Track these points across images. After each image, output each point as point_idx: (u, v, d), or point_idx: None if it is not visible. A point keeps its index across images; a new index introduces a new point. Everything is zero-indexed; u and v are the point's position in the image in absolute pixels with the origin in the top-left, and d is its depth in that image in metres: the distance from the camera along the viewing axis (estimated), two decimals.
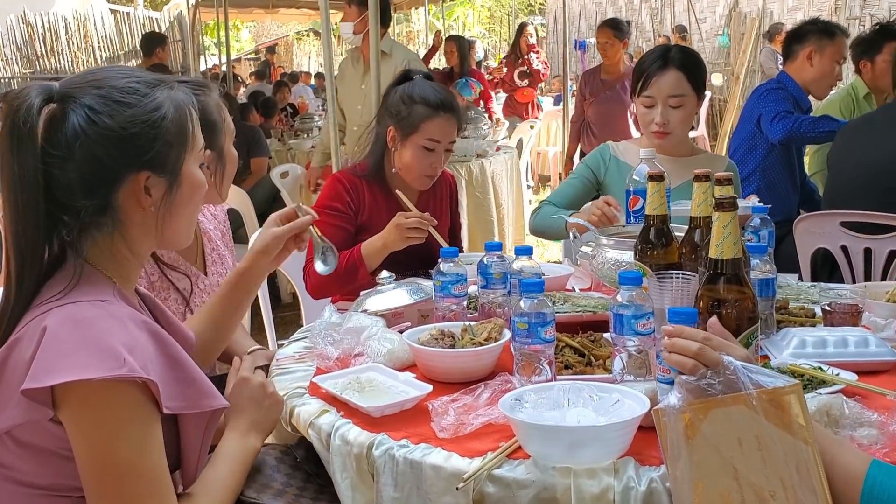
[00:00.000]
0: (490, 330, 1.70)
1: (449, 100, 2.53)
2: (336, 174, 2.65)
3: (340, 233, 2.50)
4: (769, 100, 3.67)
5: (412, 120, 2.48)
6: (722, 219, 1.29)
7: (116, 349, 1.17)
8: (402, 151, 2.52)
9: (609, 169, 2.80)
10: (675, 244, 1.83)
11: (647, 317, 1.48)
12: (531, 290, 1.48)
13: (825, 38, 3.69)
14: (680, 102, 2.59)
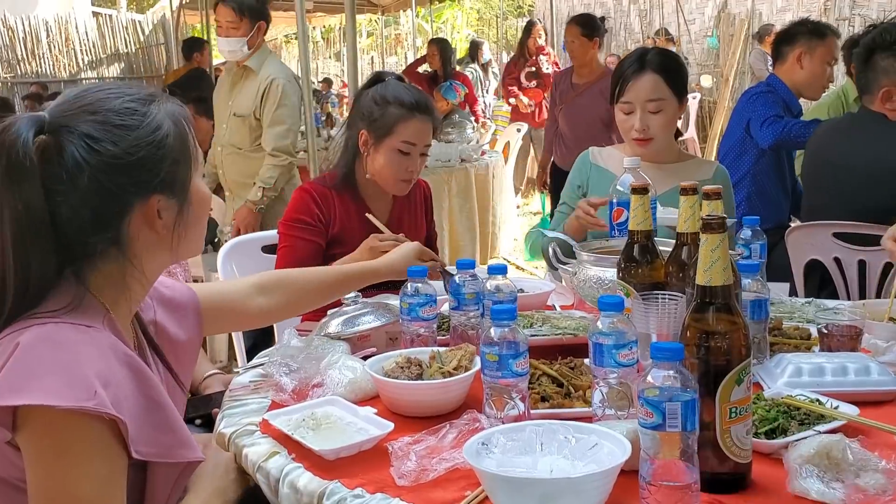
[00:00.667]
0: (460, 357, 1.57)
1: (424, 100, 2.41)
2: (303, 186, 2.52)
3: (311, 247, 2.37)
4: (759, 103, 3.56)
5: (386, 122, 2.35)
6: (710, 241, 1.15)
7: (89, 379, 1.09)
8: (375, 156, 2.38)
9: (591, 177, 2.65)
10: (660, 262, 1.70)
11: (629, 346, 1.35)
12: (502, 317, 1.35)
13: (815, 38, 3.58)
14: (659, 107, 2.45)
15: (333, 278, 1.83)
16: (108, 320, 1.22)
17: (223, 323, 1.67)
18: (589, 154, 2.70)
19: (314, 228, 2.39)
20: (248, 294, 1.67)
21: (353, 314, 1.85)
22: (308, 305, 1.83)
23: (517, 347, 1.34)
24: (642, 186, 1.70)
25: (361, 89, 2.51)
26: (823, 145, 2.88)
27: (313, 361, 1.64)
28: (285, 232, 2.41)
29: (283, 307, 1.73)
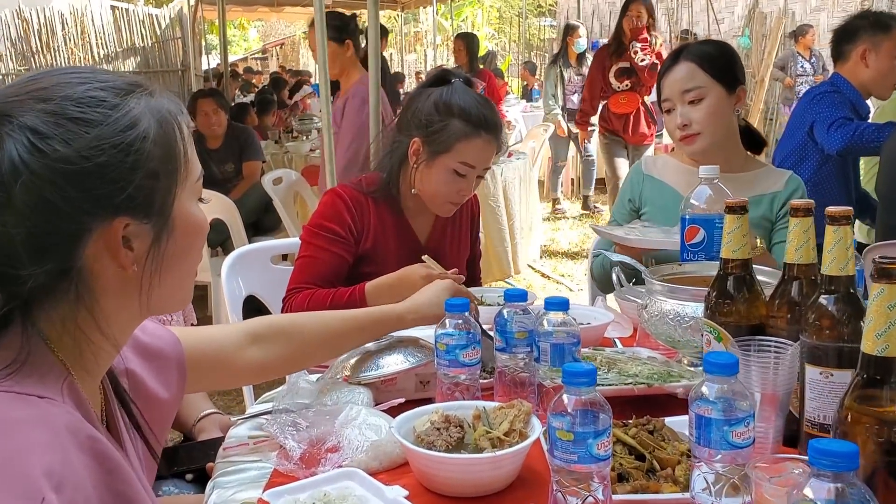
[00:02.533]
0: (513, 419, 1.24)
1: (493, 117, 2.05)
2: (335, 189, 2.16)
3: (336, 261, 2.05)
4: (823, 104, 3.21)
5: (446, 136, 2.00)
6: (889, 295, 0.82)
7: (35, 480, 0.77)
8: (426, 171, 2.04)
9: (644, 190, 2.35)
10: (762, 299, 1.36)
11: (745, 422, 1.02)
12: (579, 382, 1.01)
13: (879, 32, 3.21)
14: (698, 95, 2.16)
15: (345, 327, 1.48)
16: (69, 385, 0.90)
17: (209, 378, 1.33)
18: (642, 164, 2.41)
19: (343, 241, 2.06)
20: (239, 344, 1.34)
21: (376, 351, 1.53)
22: (312, 359, 1.49)
23: (599, 422, 1.01)
24: (739, 205, 1.36)
25: (420, 87, 2.16)
26: None
27: (327, 417, 1.32)
28: (308, 240, 2.08)
29: (281, 361, 1.40)
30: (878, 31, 3.23)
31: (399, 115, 2.17)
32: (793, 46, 10.06)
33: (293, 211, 5.25)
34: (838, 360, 1.16)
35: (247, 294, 2.57)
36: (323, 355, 1.50)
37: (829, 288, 1.19)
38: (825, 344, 1.17)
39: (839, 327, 1.16)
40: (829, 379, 1.17)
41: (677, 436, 1.27)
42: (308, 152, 6.25)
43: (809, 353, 1.19)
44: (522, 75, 13.64)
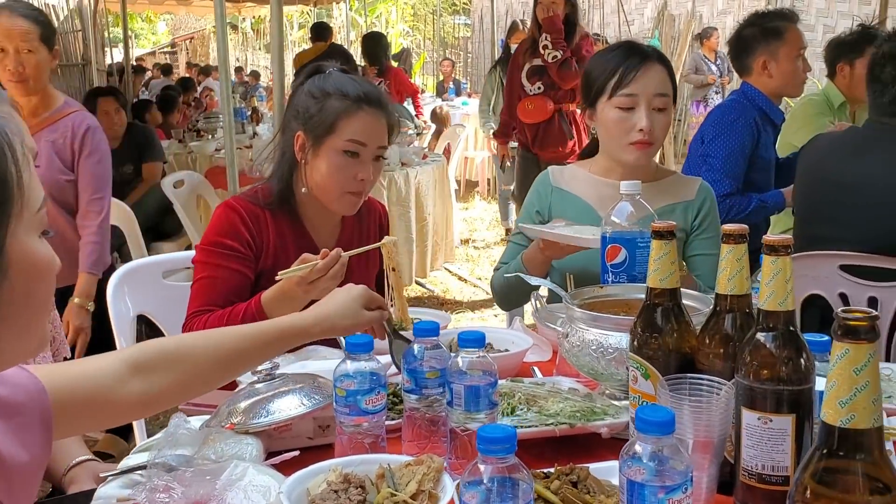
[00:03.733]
0: (421, 478, 1.09)
1: (375, 92, 1.92)
2: (229, 202, 1.98)
3: (237, 279, 1.86)
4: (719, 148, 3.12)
5: (325, 117, 1.86)
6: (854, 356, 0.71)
7: None
8: (315, 163, 1.89)
9: (553, 203, 2.20)
10: (692, 332, 1.25)
11: (682, 488, 0.89)
12: (495, 450, 0.87)
13: (773, 40, 3.15)
14: (665, 104, 2.05)
15: (242, 345, 1.29)
16: None
17: (83, 421, 1.13)
18: (550, 175, 2.25)
19: (241, 256, 1.88)
20: (118, 377, 1.15)
21: (268, 394, 1.35)
22: (207, 384, 1.30)
23: (518, 494, 0.87)
24: (667, 230, 1.24)
25: (297, 85, 2.01)
26: (826, 165, 2.48)
27: (207, 478, 1.14)
28: (203, 259, 1.89)
29: (170, 391, 1.21)
30: (771, 38, 3.17)
31: (283, 119, 2.03)
32: (699, 49, 10.24)
33: (196, 215, 4.99)
34: (777, 405, 1.06)
35: (136, 314, 2.35)
36: (219, 379, 1.31)
37: (766, 324, 1.08)
38: (763, 386, 1.07)
39: (778, 368, 1.06)
40: (767, 425, 1.06)
41: (603, 487, 1.15)
42: (213, 152, 5.98)
43: (745, 395, 1.08)
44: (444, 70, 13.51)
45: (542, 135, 4.98)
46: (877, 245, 2.26)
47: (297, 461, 1.25)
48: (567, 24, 4.75)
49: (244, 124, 6.85)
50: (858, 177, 2.32)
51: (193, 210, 4.96)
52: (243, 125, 6.78)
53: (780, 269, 1.06)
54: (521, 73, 4.97)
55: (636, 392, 1.27)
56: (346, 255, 1.71)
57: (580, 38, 4.81)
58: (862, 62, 3.40)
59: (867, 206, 2.28)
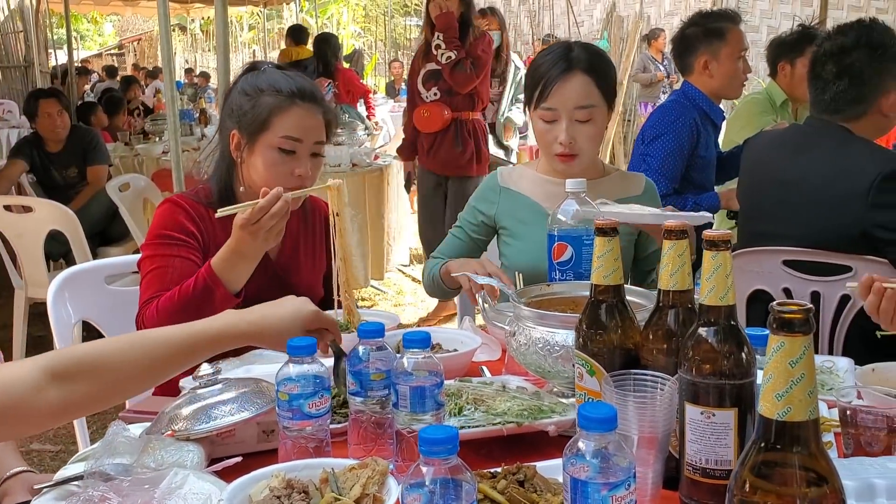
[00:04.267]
0: (366, 481, 1.07)
1: (309, 87, 1.91)
2: (171, 198, 1.96)
3: (187, 266, 1.82)
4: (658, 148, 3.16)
5: (258, 113, 1.84)
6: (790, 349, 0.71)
7: None
8: (251, 160, 1.88)
9: (501, 203, 2.19)
10: (636, 329, 1.25)
11: (626, 484, 0.89)
12: (436, 451, 0.86)
13: (715, 40, 3.19)
14: (589, 115, 2.01)
15: (169, 352, 1.24)
16: None
17: None
18: (498, 176, 2.24)
19: (189, 245, 1.85)
20: (36, 385, 1.10)
21: (210, 400, 1.32)
22: (128, 392, 1.26)
23: (461, 495, 0.86)
24: (610, 227, 1.25)
25: (232, 84, 1.99)
26: (768, 162, 2.52)
27: (146, 487, 1.11)
28: (153, 252, 1.85)
29: (90, 399, 1.17)
30: (713, 39, 3.20)
31: (220, 118, 2.01)
32: (646, 50, 10.38)
33: (143, 219, 4.89)
34: (720, 399, 1.07)
35: (79, 320, 2.29)
36: (144, 385, 1.28)
37: (707, 319, 1.09)
38: (705, 381, 1.07)
39: (720, 363, 1.06)
40: (710, 420, 1.07)
41: (550, 485, 1.14)
42: (160, 155, 5.87)
43: (688, 390, 1.09)
44: (394, 72, 13.48)
45: (437, 146, 4.56)
46: (818, 240, 2.30)
47: (240, 467, 1.23)
48: (462, 24, 4.38)
49: (192, 126, 6.74)
50: (800, 173, 2.36)
51: (140, 214, 4.86)
52: (191, 127, 6.67)
53: (721, 264, 1.07)
54: (418, 77, 4.60)
55: (582, 389, 1.27)
56: (288, 195, 1.69)
57: (475, 38, 4.44)
58: (802, 61, 3.49)
59: (808, 202, 2.32)
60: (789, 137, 2.50)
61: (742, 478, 0.74)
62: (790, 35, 3.59)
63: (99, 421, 3.23)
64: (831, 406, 1.37)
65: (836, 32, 2.41)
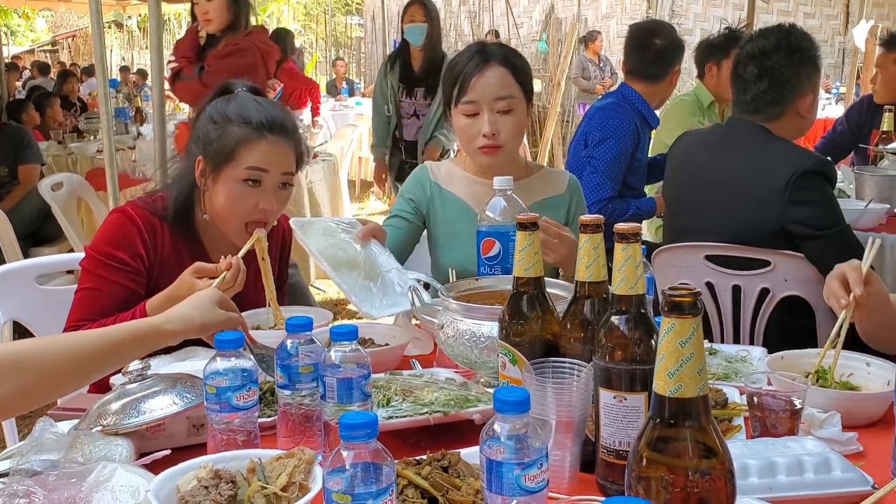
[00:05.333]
0: (292, 470, 1.10)
1: (280, 117, 1.85)
2: (126, 209, 1.88)
3: (124, 294, 1.79)
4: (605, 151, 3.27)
5: (225, 144, 1.80)
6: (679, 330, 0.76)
7: None
8: (214, 189, 1.83)
9: (433, 202, 2.22)
10: (555, 319, 1.31)
11: (538, 464, 0.94)
12: (356, 435, 0.89)
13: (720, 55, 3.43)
14: (509, 106, 2.05)
15: (95, 351, 1.25)
16: None
17: None
18: (428, 171, 2.26)
19: (132, 271, 1.81)
20: None
21: (140, 394, 1.33)
22: (57, 391, 1.26)
23: (381, 478, 0.89)
24: (531, 221, 1.30)
25: (202, 108, 1.93)
26: (693, 161, 2.62)
27: (73, 481, 1.12)
28: (91, 269, 1.82)
29: (16, 397, 1.17)
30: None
31: (188, 139, 1.95)
32: (584, 52, 10.55)
33: (76, 219, 4.80)
34: (631, 384, 1.12)
35: (8, 320, 2.26)
36: (70, 385, 1.29)
37: (619, 308, 1.14)
38: (617, 367, 1.13)
39: (631, 349, 1.12)
40: (622, 403, 1.13)
41: (473, 470, 1.18)
42: (95, 153, 5.76)
43: (602, 375, 1.15)
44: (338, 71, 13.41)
45: None
46: (739, 236, 2.40)
47: (169, 461, 1.24)
48: None
49: (127, 124, 6.62)
50: (722, 171, 2.45)
51: (74, 213, 4.77)
52: (126, 125, 6.56)
53: (631, 256, 1.12)
54: None
55: (505, 378, 1.32)
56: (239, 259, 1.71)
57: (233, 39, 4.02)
58: (728, 63, 3.61)
59: (729, 199, 2.42)
60: (712, 137, 2.60)
61: (639, 453, 0.79)
62: (717, 37, 3.73)
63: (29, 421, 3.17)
64: (742, 392, 1.44)
65: (758, 36, 2.52)
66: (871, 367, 1.50)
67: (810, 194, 2.27)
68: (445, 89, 2.15)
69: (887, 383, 1.43)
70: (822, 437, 1.29)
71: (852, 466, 1.16)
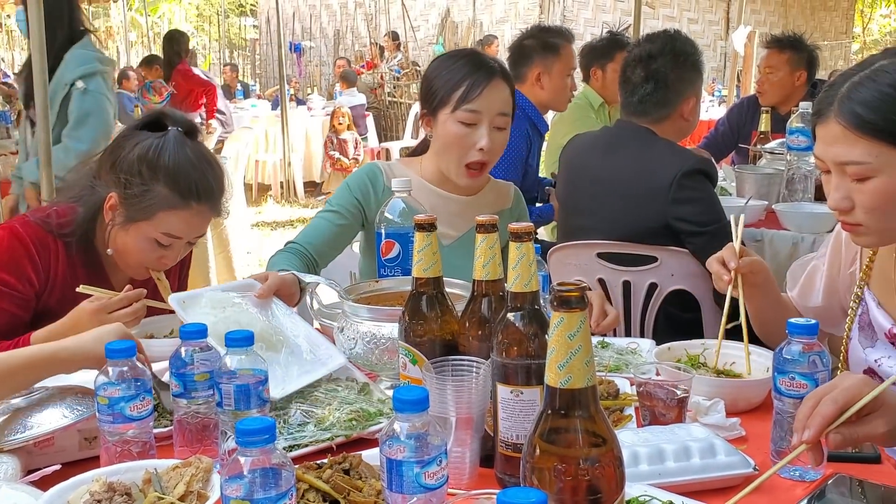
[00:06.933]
0: (189, 479, 1.08)
1: (210, 184, 1.76)
2: (14, 227, 1.76)
3: (5, 319, 1.70)
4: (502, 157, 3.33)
5: (147, 204, 1.71)
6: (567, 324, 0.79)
7: None
8: (121, 232, 1.76)
9: (381, 201, 2.03)
10: (454, 318, 1.33)
11: (438, 460, 0.96)
12: (252, 441, 0.89)
13: (550, 55, 3.41)
14: (506, 123, 2.01)
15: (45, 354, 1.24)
16: None
17: None
18: (381, 173, 2.11)
19: (17, 296, 1.72)
20: None
21: (26, 407, 1.28)
22: None
23: (280, 483, 0.89)
24: (428, 222, 1.31)
25: (132, 128, 1.81)
26: (583, 162, 2.70)
27: None
28: None
29: None
30: (548, 53, 3.40)
31: (101, 154, 1.84)
32: None
33: None
34: (527, 378, 1.15)
35: None
36: None
37: (514, 305, 1.17)
38: (514, 362, 1.16)
39: (526, 344, 1.15)
40: (519, 397, 1.15)
41: (375, 472, 1.19)
42: None
43: (499, 371, 1.17)
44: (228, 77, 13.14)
45: None
46: (628, 233, 2.49)
47: (60, 476, 1.19)
48: None
49: (9, 129, 6.31)
50: (610, 172, 2.54)
51: None
52: (7, 130, 6.24)
53: (524, 254, 1.15)
54: None
55: (406, 378, 1.33)
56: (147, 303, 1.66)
57: None
58: (613, 66, 3.76)
59: (618, 198, 2.51)
60: (601, 139, 2.69)
61: (533, 444, 0.82)
62: (600, 41, 3.86)
63: None
64: (632, 383, 1.50)
65: (645, 40, 2.63)
66: (752, 355, 1.59)
67: (693, 192, 2.38)
68: (430, 91, 2.02)
69: (766, 370, 1.51)
70: (707, 423, 1.35)
71: (735, 450, 1.22)
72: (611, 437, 0.81)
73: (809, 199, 3.05)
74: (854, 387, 1.06)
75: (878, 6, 22.54)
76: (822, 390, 1.08)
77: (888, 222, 1.40)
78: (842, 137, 1.38)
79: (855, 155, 1.37)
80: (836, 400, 1.04)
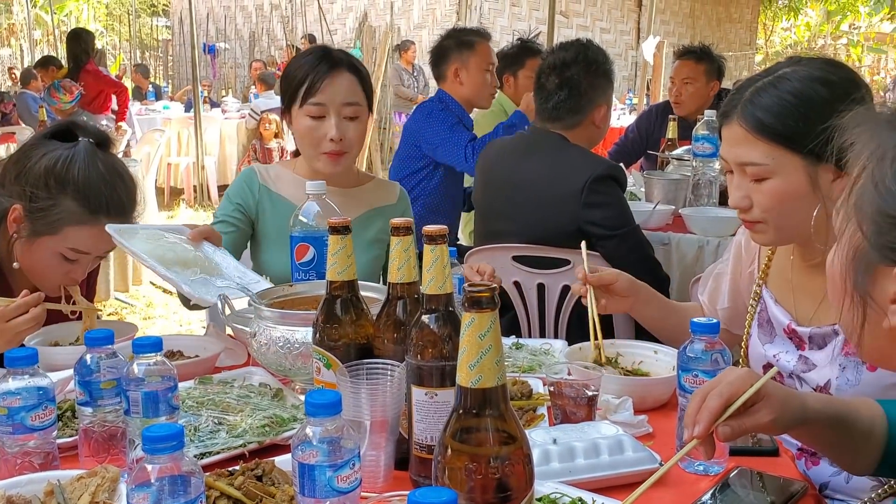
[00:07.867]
0: (95, 489, 1.05)
1: (121, 200, 1.73)
2: None
3: None
4: (438, 123, 3.40)
5: (54, 218, 1.67)
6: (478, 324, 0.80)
7: None
8: (27, 246, 1.70)
9: (261, 205, 2.14)
10: (369, 321, 1.33)
11: (351, 463, 0.96)
12: (159, 448, 0.87)
13: (465, 50, 3.52)
14: (356, 112, 2.06)
15: None
16: None
17: None
18: (256, 173, 2.20)
19: None
20: None
21: None
22: None
23: (189, 490, 0.87)
24: (342, 225, 1.31)
25: (40, 137, 1.75)
26: (499, 167, 2.73)
27: None
28: None
29: None
30: (464, 49, 3.51)
31: (6, 162, 1.78)
32: (398, 61, 10.71)
33: None
34: (441, 380, 1.16)
35: None
36: None
37: (429, 307, 1.18)
38: (428, 364, 1.16)
39: (440, 346, 1.16)
40: (433, 399, 1.16)
41: (288, 477, 1.18)
42: None
43: (414, 373, 1.18)
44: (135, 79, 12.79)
45: None
46: (542, 237, 2.54)
47: None
48: None
49: None
50: (525, 176, 2.58)
51: None
52: None
53: (438, 257, 1.16)
54: None
55: (320, 383, 1.33)
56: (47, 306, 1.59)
57: None
58: (524, 73, 3.85)
59: (533, 202, 2.55)
60: (515, 144, 2.73)
61: (444, 444, 0.83)
62: (511, 49, 3.94)
63: None
64: (545, 383, 1.53)
65: (559, 48, 2.68)
66: (658, 353, 1.64)
67: (603, 197, 2.44)
68: (285, 89, 2.11)
69: (672, 368, 1.56)
70: (616, 420, 1.39)
71: (642, 447, 1.26)
72: (520, 435, 0.83)
73: (714, 204, 3.17)
74: (738, 380, 1.08)
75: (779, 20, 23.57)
76: (707, 386, 1.09)
77: (783, 220, 1.47)
78: (743, 139, 1.45)
79: (754, 156, 1.44)
80: (721, 394, 1.06)
